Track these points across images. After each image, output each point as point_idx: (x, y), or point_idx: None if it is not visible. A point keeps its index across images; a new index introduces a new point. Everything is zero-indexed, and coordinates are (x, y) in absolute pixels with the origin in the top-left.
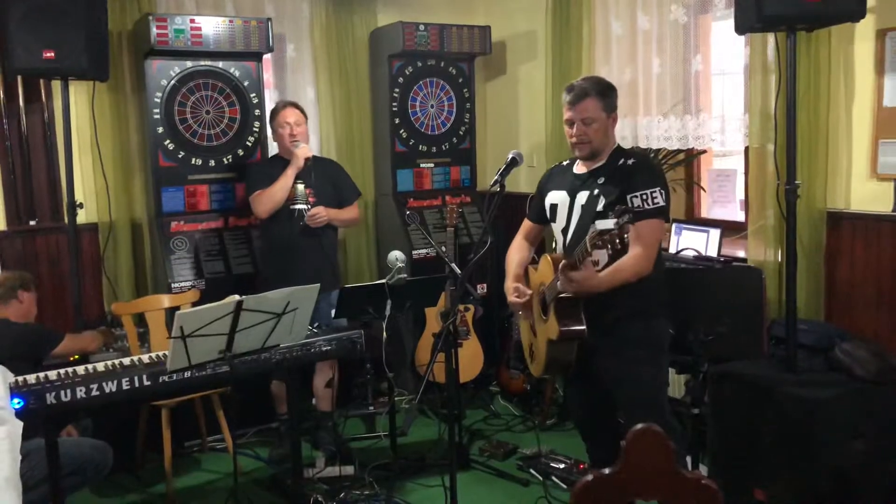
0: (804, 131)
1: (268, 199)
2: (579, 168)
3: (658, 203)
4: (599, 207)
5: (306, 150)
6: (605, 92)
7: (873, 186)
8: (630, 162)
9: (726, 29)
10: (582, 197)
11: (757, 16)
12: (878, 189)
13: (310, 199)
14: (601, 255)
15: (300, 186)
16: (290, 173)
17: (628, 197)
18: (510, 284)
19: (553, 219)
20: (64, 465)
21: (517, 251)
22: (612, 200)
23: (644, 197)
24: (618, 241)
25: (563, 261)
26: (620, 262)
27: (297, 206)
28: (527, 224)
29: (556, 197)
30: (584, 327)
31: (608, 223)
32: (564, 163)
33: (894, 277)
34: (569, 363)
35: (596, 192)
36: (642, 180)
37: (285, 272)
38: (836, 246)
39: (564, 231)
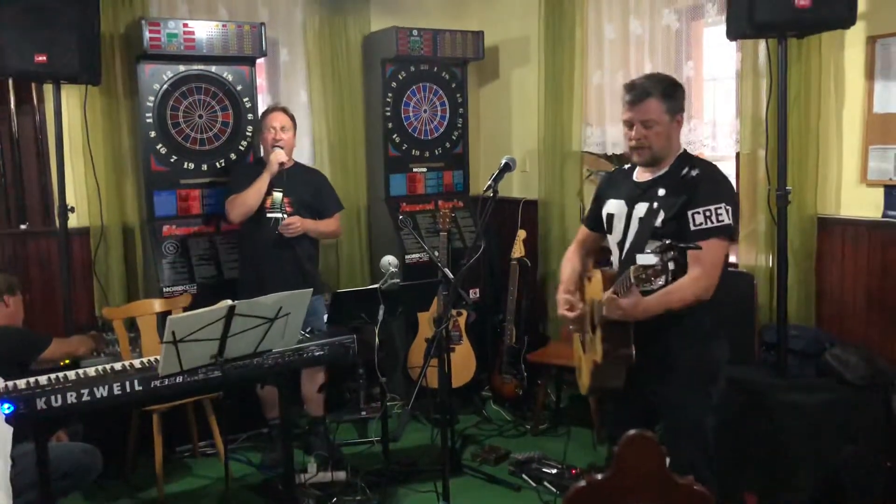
0: (795, 137)
1: (240, 204)
2: (640, 175)
3: (722, 221)
4: (658, 223)
5: (280, 154)
6: (669, 92)
7: (863, 192)
8: (694, 173)
9: (718, 35)
10: (641, 209)
11: (749, 22)
12: (868, 195)
13: (287, 209)
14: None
15: (278, 195)
16: (264, 177)
17: (689, 213)
18: (562, 296)
19: (609, 230)
20: (53, 469)
21: (571, 260)
22: (673, 216)
23: (707, 213)
24: (662, 277)
25: (608, 292)
26: (675, 284)
27: (273, 215)
28: (583, 230)
29: (614, 206)
30: (631, 352)
31: (649, 258)
32: (626, 167)
33: (884, 283)
34: (616, 387)
35: (656, 205)
36: (706, 194)
37: (256, 279)
38: (826, 251)
39: (620, 245)
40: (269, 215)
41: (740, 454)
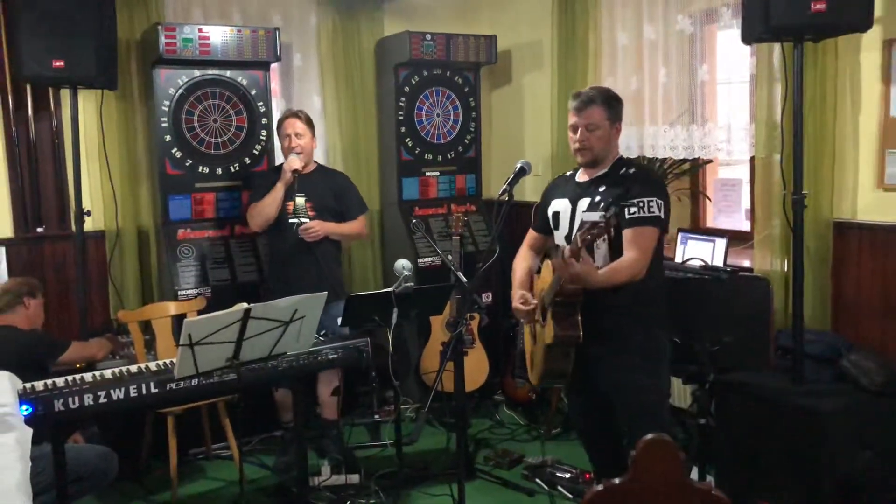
0: (811, 141)
1: (258, 214)
2: (581, 176)
3: (653, 212)
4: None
5: (294, 161)
6: (610, 102)
7: (880, 196)
8: (631, 171)
9: (732, 38)
10: (583, 204)
11: (764, 26)
12: (885, 199)
13: (310, 213)
14: (600, 253)
15: (300, 200)
16: (279, 187)
17: (625, 204)
18: (516, 292)
19: (556, 227)
20: (69, 471)
21: (523, 260)
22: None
23: (641, 205)
24: (606, 233)
25: (558, 258)
26: (617, 262)
27: (296, 220)
28: (531, 234)
29: (559, 205)
30: (579, 332)
31: (594, 216)
32: (568, 173)
33: None
34: (565, 371)
35: (597, 199)
36: (641, 189)
37: (282, 284)
38: (842, 256)
39: (567, 239)
40: (291, 220)
41: (756, 460)
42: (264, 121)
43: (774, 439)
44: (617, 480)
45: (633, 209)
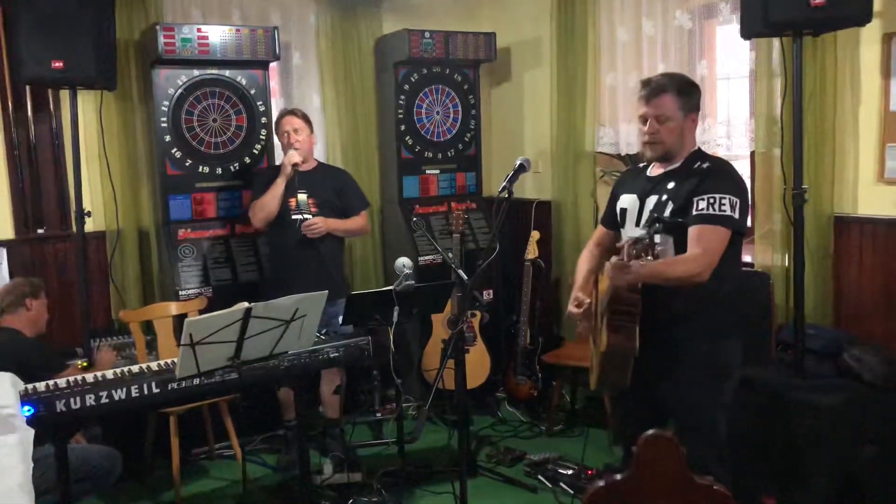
0: (811, 135)
1: (260, 210)
2: (653, 170)
3: (725, 211)
4: (667, 213)
5: (294, 156)
6: (685, 89)
7: (881, 190)
8: (705, 165)
9: (731, 33)
10: (651, 201)
11: (763, 21)
12: (885, 193)
13: (312, 209)
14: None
15: (302, 196)
16: (279, 183)
17: (695, 199)
18: (574, 294)
19: (623, 224)
20: (73, 472)
21: (585, 261)
22: (681, 205)
23: (711, 201)
24: (650, 250)
25: (613, 260)
26: (678, 256)
27: (298, 217)
28: (599, 230)
29: (627, 201)
30: (635, 344)
31: (637, 231)
32: (640, 165)
33: None
34: (622, 383)
35: (665, 197)
36: (714, 184)
37: (284, 281)
38: (843, 250)
39: None
40: (293, 217)
41: (758, 456)
42: (264, 120)
43: (775, 434)
44: (619, 476)
45: (701, 204)
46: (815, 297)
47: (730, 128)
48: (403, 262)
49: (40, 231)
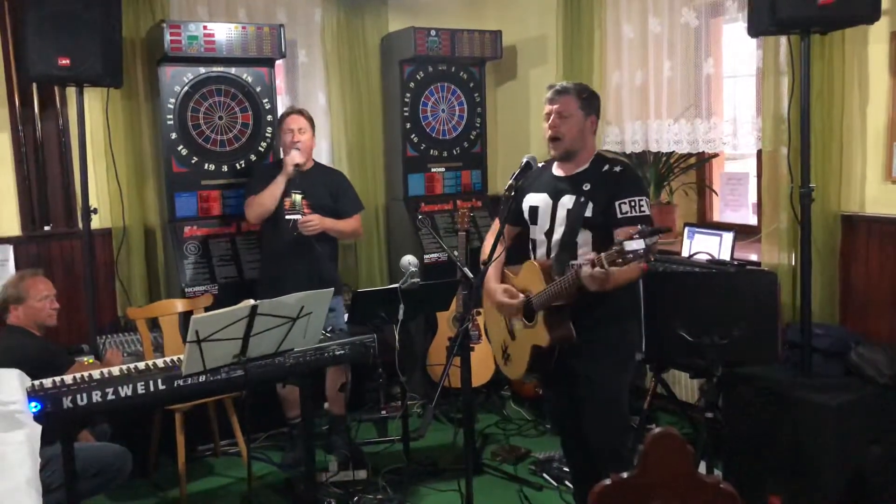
0: (818, 134)
1: (257, 206)
2: (559, 170)
3: (644, 211)
4: (588, 213)
5: (296, 156)
6: (584, 93)
7: (888, 189)
8: (617, 169)
9: (738, 31)
10: (567, 201)
11: (770, 19)
12: (893, 192)
13: (305, 210)
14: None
15: (297, 196)
16: (279, 181)
17: (616, 203)
18: (496, 286)
19: (534, 221)
20: (84, 469)
21: (496, 266)
22: (602, 208)
23: (632, 203)
24: (620, 258)
25: (597, 256)
26: (631, 263)
27: (292, 217)
28: (503, 226)
29: (536, 199)
30: (573, 333)
31: (637, 243)
32: (540, 164)
33: None
34: (549, 366)
35: (583, 198)
36: (631, 188)
37: (275, 280)
38: (850, 249)
39: (548, 234)
40: (287, 217)
41: (764, 455)
42: (269, 118)
43: (782, 433)
44: (626, 474)
45: (625, 207)
46: (822, 296)
47: (736, 126)
48: (409, 259)
49: (47, 228)
